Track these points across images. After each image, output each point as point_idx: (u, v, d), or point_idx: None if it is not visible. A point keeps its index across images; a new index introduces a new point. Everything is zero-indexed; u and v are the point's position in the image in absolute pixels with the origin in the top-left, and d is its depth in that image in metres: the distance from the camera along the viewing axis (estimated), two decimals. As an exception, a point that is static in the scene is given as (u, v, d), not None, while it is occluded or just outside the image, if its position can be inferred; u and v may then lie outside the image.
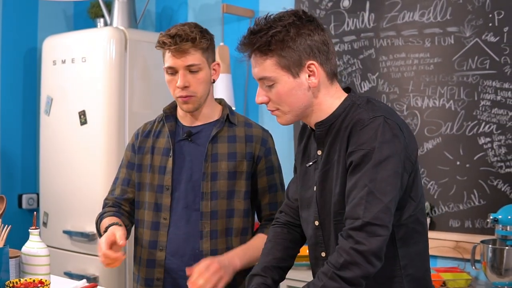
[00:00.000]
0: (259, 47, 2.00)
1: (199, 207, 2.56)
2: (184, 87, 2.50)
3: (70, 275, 4.05)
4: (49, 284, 2.38)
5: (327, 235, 2.09)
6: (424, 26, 3.64)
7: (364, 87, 3.86)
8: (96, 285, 2.60)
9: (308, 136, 2.21)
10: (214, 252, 2.54)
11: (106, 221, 2.57)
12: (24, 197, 4.77)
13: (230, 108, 2.69)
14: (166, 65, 2.52)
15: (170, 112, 2.68)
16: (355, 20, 3.91)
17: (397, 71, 3.75)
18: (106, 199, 2.76)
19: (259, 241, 2.52)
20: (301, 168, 2.22)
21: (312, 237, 2.15)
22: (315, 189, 2.12)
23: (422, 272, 2.10)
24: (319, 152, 2.10)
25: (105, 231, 2.47)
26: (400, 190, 1.95)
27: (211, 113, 2.64)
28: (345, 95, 2.10)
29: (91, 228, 4.06)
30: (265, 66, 2.02)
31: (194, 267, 2.34)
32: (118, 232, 2.36)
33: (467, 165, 3.50)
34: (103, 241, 2.34)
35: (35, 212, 2.56)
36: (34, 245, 2.50)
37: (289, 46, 1.98)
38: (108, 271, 4.02)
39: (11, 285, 2.30)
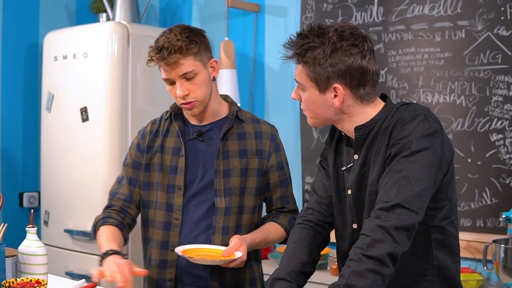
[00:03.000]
0: (296, 54, 2.06)
1: (212, 204, 2.56)
2: (184, 96, 2.49)
3: (71, 275, 3.98)
4: (46, 284, 2.31)
5: None
6: (434, 20, 3.55)
7: (372, 82, 3.77)
8: (95, 285, 2.52)
9: (339, 138, 2.24)
10: None
11: (106, 238, 2.51)
12: (25, 195, 4.70)
13: (236, 104, 2.70)
14: (163, 76, 2.51)
15: (178, 111, 2.65)
16: (363, 14, 3.83)
17: (407, 66, 3.67)
18: (111, 199, 2.68)
19: (271, 226, 2.63)
20: (333, 170, 2.23)
21: (350, 239, 2.15)
22: (349, 193, 2.13)
23: (454, 274, 2.13)
24: (356, 157, 2.12)
25: (105, 253, 2.38)
26: (434, 185, 1.97)
27: (218, 111, 2.63)
28: (382, 103, 2.12)
29: (93, 227, 3.99)
30: (299, 72, 2.08)
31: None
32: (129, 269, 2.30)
33: (479, 163, 3.42)
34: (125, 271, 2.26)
35: (32, 210, 2.49)
36: (31, 244, 2.43)
37: (320, 64, 2.00)
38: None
39: (7, 285, 2.24)
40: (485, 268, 3.16)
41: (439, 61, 3.54)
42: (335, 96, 2.03)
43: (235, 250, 2.41)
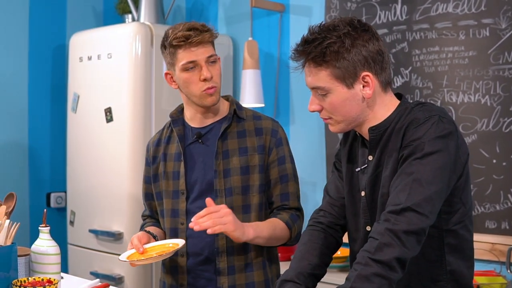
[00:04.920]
0: (314, 57, 1.99)
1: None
2: (210, 78, 2.49)
3: (96, 275, 3.99)
4: (57, 283, 2.31)
5: None
6: (458, 18, 3.48)
7: (397, 82, 3.72)
8: (108, 285, 2.53)
9: (354, 138, 2.20)
10: (230, 249, 2.53)
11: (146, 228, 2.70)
12: (53, 195, 4.74)
13: (237, 103, 2.67)
14: (185, 61, 2.47)
15: (177, 116, 2.67)
16: (387, 12, 3.78)
17: (431, 65, 3.60)
18: (142, 217, 2.85)
19: (273, 221, 2.53)
20: (347, 171, 2.19)
21: (363, 242, 2.09)
22: (363, 194, 2.09)
23: (467, 279, 2.08)
24: (370, 158, 2.08)
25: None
26: (447, 188, 1.92)
27: (219, 110, 2.62)
28: (398, 101, 2.09)
29: (117, 227, 4.01)
30: (319, 77, 2.01)
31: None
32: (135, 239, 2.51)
33: (504, 164, 3.34)
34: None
35: (45, 210, 2.50)
36: (44, 243, 2.45)
37: (344, 57, 1.96)
38: (134, 272, 3.96)
39: (18, 283, 2.25)
40: (508, 271, 3.09)
41: (464, 60, 3.47)
42: (364, 86, 2.00)
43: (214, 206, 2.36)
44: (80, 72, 4.30)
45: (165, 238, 2.62)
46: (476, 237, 3.32)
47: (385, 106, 2.05)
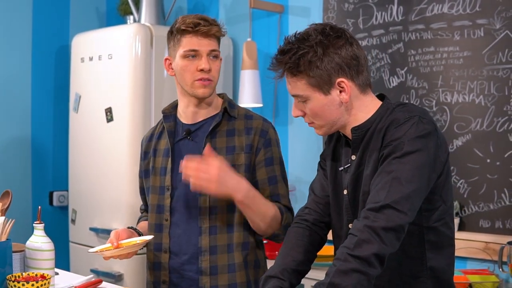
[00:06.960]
0: (289, 68, 2.04)
1: (198, 203, 2.53)
2: (208, 70, 2.49)
3: (96, 272, 4.05)
4: (50, 278, 2.35)
5: None
6: (453, 19, 3.51)
7: (393, 82, 3.75)
8: (101, 281, 2.56)
9: (337, 138, 2.24)
10: (214, 249, 2.51)
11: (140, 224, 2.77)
12: (55, 194, 4.79)
13: (230, 101, 2.66)
14: (188, 48, 2.48)
15: (170, 112, 2.67)
16: (383, 13, 3.81)
17: (426, 66, 3.63)
18: (140, 208, 2.88)
19: (268, 202, 2.50)
20: (331, 170, 2.23)
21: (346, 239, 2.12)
22: (345, 193, 2.13)
23: (448, 275, 2.11)
24: (353, 157, 2.11)
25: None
26: (426, 187, 1.95)
27: (211, 108, 2.61)
28: (379, 102, 2.13)
29: (117, 226, 4.04)
30: (297, 86, 2.06)
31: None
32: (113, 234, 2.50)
33: (498, 163, 3.36)
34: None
35: (39, 207, 2.53)
36: (38, 240, 2.47)
37: (317, 66, 2.01)
38: (133, 269, 4.00)
39: (12, 279, 2.29)
40: (500, 270, 3.11)
41: (458, 60, 3.50)
42: (341, 91, 2.04)
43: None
44: (82, 73, 4.35)
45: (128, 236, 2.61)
46: (470, 236, 3.38)
47: (365, 108, 2.09)
